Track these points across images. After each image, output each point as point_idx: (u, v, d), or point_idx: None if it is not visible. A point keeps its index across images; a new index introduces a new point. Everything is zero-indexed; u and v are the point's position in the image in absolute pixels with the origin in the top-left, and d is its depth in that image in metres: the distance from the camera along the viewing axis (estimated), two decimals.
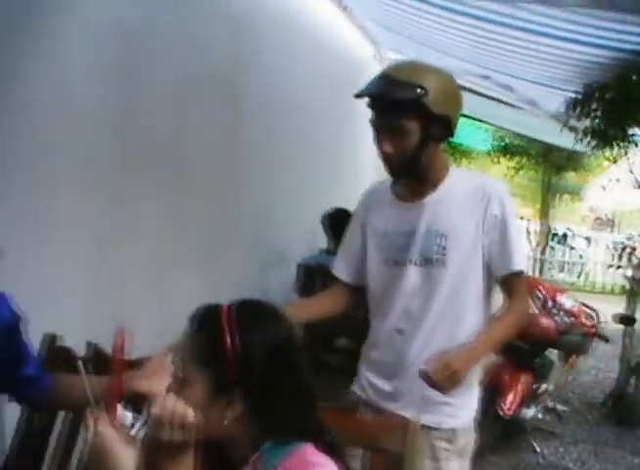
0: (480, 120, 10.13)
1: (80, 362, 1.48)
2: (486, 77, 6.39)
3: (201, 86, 3.67)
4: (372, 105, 2.17)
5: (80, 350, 2.22)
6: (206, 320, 1.43)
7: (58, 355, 2.18)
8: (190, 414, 1.38)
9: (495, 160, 14.14)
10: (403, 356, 2.30)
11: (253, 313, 1.46)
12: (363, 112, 2.22)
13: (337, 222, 4.32)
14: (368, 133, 2.22)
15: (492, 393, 4.46)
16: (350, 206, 2.78)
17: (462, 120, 2.33)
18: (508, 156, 13.55)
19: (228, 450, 1.46)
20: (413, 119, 2.11)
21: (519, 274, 2.27)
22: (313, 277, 4.95)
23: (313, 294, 4.98)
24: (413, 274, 2.27)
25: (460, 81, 3.24)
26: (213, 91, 3.80)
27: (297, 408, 1.43)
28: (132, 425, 1.47)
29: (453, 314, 2.27)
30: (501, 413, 4.56)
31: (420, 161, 2.19)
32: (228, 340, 1.37)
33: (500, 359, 4.83)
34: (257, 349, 1.39)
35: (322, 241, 5.07)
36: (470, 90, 6.79)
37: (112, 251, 3.05)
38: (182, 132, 3.53)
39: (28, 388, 2.00)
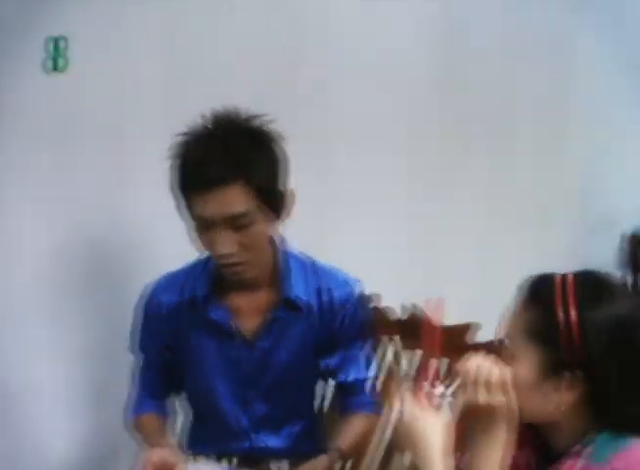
0: None
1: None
2: None
3: (528, 39, 3.54)
4: None
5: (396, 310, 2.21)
6: (539, 291, 1.29)
7: (378, 316, 2.16)
8: (496, 372, 1.26)
9: None
10: None
11: (593, 286, 1.28)
12: None
13: None
14: None
15: None
16: None
17: None
18: None
19: (550, 436, 1.31)
20: None
21: None
22: None
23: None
24: None
25: None
26: (541, 44, 3.65)
27: (635, 395, 1.24)
28: (443, 394, 1.35)
29: None
30: None
31: None
32: (561, 315, 1.22)
33: None
34: (597, 326, 1.21)
35: None
36: None
37: (434, 214, 3.11)
38: (507, 86, 3.46)
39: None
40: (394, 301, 2.22)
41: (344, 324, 1.91)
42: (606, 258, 4.67)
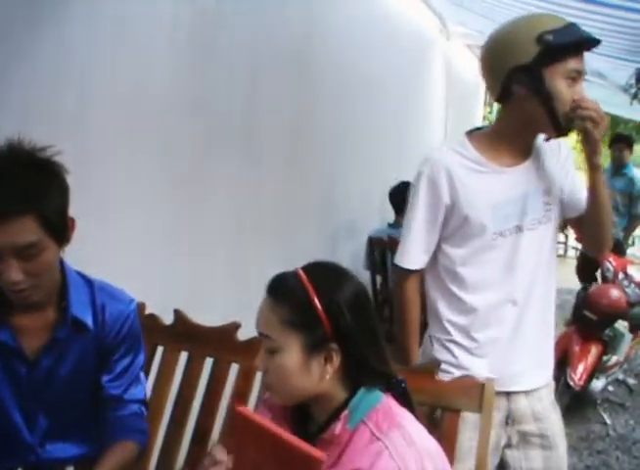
0: None
1: None
2: None
3: (273, 59, 3.76)
4: (573, 51, 2.09)
5: (165, 317, 2.34)
6: (284, 287, 1.51)
7: (146, 323, 2.28)
8: None
9: None
10: (518, 330, 2.25)
11: (327, 271, 1.55)
12: (431, 82, 2.22)
13: (401, 196, 4.35)
14: (436, 104, 2.23)
15: (562, 363, 4.47)
16: None
17: None
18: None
19: (317, 409, 1.54)
20: None
21: None
22: (384, 251, 4.97)
23: (383, 270, 5.03)
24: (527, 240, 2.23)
25: None
26: (285, 64, 3.89)
27: (377, 352, 1.52)
28: None
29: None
30: (571, 384, 4.54)
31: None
32: (316, 298, 1.46)
33: (570, 330, 4.84)
34: (337, 304, 1.47)
35: (392, 214, 5.16)
36: None
37: (189, 222, 3.18)
38: (255, 104, 3.62)
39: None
40: (161, 306, 2.35)
41: (118, 340, 1.96)
42: (356, 260, 5.10)
